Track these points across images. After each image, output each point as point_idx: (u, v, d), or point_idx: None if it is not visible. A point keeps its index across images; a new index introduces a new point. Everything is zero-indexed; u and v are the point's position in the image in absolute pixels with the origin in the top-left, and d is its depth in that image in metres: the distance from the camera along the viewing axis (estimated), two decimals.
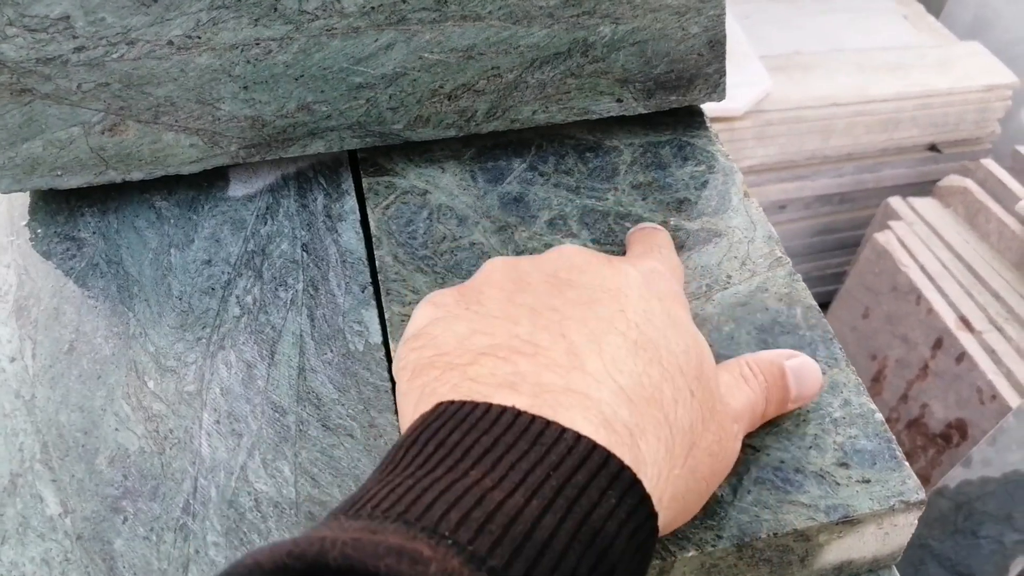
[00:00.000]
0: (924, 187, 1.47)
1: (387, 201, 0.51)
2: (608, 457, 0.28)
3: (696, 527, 0.38)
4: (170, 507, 0.40)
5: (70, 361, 0.45)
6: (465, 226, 0.50)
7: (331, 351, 0.45)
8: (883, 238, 1.29)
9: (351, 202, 0.51)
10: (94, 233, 0.50)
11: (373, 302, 0.47)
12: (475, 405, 0.29)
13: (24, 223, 0.51)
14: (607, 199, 0.51)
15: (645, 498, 0.28)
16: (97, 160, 0.50)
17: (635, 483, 0.28)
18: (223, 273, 0.48)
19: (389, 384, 0.43)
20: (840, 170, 1.42)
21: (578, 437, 0.28)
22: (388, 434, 0.42)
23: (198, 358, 0.45)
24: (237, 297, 0.47)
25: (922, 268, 1.24)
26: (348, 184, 0.52)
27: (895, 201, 1.35)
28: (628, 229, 0.49)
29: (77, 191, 0.52)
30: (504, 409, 0.28)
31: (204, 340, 0.45)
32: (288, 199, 0.52)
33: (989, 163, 1.34)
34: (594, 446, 0.28)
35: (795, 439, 0.41)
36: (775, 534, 0.38)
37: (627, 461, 0.28)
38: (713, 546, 0.37)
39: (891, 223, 1.31)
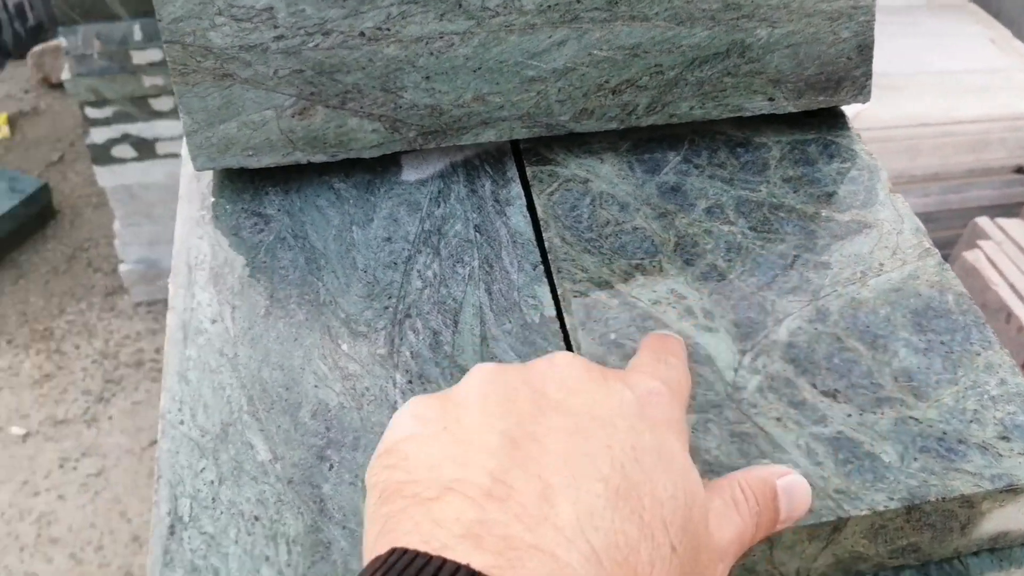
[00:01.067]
0: (1010, 208, 1.48)
1: (551, 188, 0.54)
2: None
3: (867, 488, 0.40)
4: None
5: (267, 324, 0.49)
6: (627, 212, 0.53)
7: (509, 322, 0.48)
8: (972, 256, 1.30)
9: (517, 188, 0.55)
10: (279, 210, 0.54)
11: (545, 280, 0.50)
12: (428, 559, 0.27)
13: (213, 200, 0.55)
14: (760, 191, 0.54)
15: None
16: (286, 142, 0.54)
17: None
18: (403, 249, 0.52)
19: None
20: (927, 190, 1.44)
21: None
22: None
23: (387, 324, 0.48)
24: (418, 271, 0.51)
25: (1011, 287, 1.25)
26: (513, 172, 0.56)
27: (983, 221, 1.36)
28: (783, 219, 0.52)
29: (260, 172, 0.56)
30: (458, 568, 0.26)
31: (391, 309, 0.49)
32: (458, 184, 0.55)
33: None
34: None
35: (956, 413, 0.43)
36: (943, 499, 0.40)
37: None
38: (885, 507, 0.40)
39: (979, 242, 1.32)
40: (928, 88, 1.43)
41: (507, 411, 0.32)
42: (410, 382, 0.46)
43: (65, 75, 1.87)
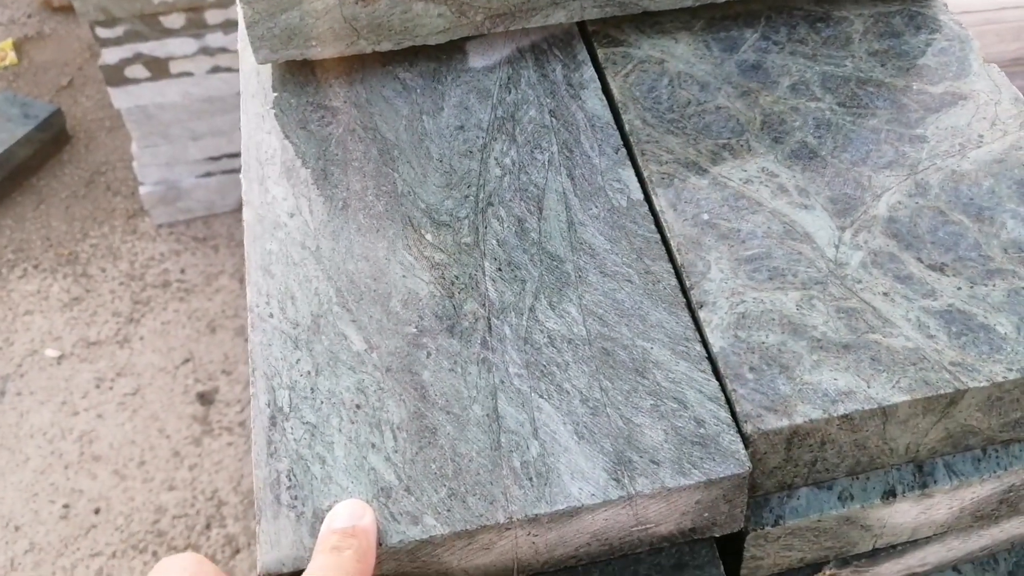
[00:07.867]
0: None
1: (626, 70, 0.52)
2: None
3: (984, 360, 0.39)
4: (469, 343, 0.42)
5: (346, 216, 0.47)
6: (708, 91, 0.51)
7: (596, 207, 0.47)
8: None
9: (589, 71, 0.53)
10: (345, 102, 0.52)
11: (628, 163, 0.48)
12: None
13: (276, 95, 0.53)
14: (846, 65, 0.51)
15: None
16: (350, 30, 0.52)
17: None
18: (477, 137, 0.50)
19: (658, 236, 0.45)
20: None
21: None
22: (665, 280, 0.44)
23: (469, 213, 0.47)
24: (496, 159, 0.49)
25: None
26: (583, 55, 0.54)
27: None
28: (872, 94, 0.50)
29: (322, 64, 0.54)
30: None
31: (472, 198, 0.48)
32: (527, 69, 0.53)
33: None
34: None
35: None
36: None
37: None
38: (1004, 378, 0.39)
39: None
40: None
41: None
42: (499, 269, 0.45)
43: None
